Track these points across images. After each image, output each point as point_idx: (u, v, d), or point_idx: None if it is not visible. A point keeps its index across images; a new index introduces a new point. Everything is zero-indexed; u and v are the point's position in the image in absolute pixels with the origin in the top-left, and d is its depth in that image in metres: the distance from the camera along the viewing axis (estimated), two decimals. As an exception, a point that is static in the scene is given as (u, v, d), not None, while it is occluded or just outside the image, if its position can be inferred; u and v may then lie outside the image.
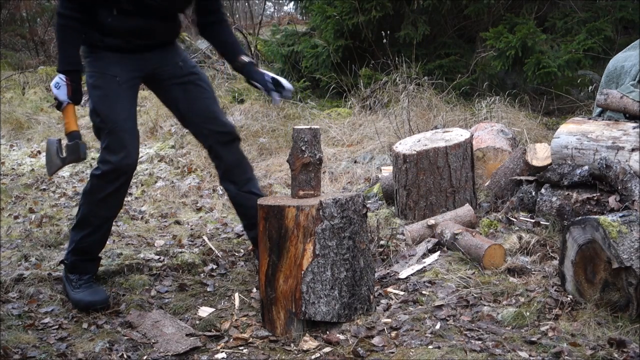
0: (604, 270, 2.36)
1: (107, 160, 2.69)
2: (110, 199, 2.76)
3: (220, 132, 2.91)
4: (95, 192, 2.75)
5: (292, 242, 2.38)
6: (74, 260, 2.82)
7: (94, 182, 2.74)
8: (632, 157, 3.10)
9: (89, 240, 2.80)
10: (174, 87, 2.89)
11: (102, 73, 2.72)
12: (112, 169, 2.70)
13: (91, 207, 2.77)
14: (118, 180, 2.72)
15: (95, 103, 2.72)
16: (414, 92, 5.73)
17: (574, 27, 6.37)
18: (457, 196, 3.53)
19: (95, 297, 2.74)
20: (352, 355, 2.23)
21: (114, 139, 2.70)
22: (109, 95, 2.71)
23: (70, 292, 2.79)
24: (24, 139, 7.05)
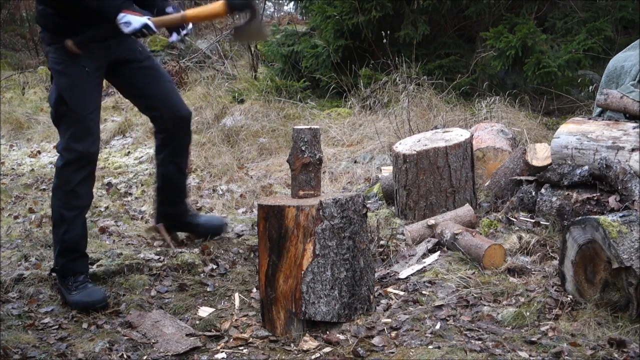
0: (604, 270, 2.36)
1: (72, 149, 2.73)
2: (79, 189, 2.78)
3: (182, 116, 3.08)
4: (63, 185, 2.76)
5: (292, 242, 2.38)
6: (64, 263, 2.81)
7: (61, 173, 2.76)
8: (632, 157, 3.10)
9: (70, 237, 2.79)
10: (137, 70, 2.99)
11: (70, 61, 2.75)
12: (78, 157, 2.73)
13: (62, 200, 2.78)
14: (85, 168, 2.76)
15: (62, 90, 2.73)
16: (414, 92, 5.73)
17: (574, 27, 6.36)
18: (457, 196, 3.53)
19: (94, 297, 2.73)
20: (352, 355, 2.23)
21: (80, 127, 2.73)
22: (78, 84, 2.75)
23: (67, 296, 2.76)
24: (24, 139, 7.05)
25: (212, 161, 5.52)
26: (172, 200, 3.32)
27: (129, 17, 2.68)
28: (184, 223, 3.42)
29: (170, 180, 3.26)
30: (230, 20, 8.65)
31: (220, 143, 5.90)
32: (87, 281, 2.82)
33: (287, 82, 7.08)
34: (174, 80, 8.03)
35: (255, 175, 5.08)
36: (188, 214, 3.43)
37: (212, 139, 5.96)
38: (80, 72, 2.76)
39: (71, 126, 2.73)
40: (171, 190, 3.30)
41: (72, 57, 2.74)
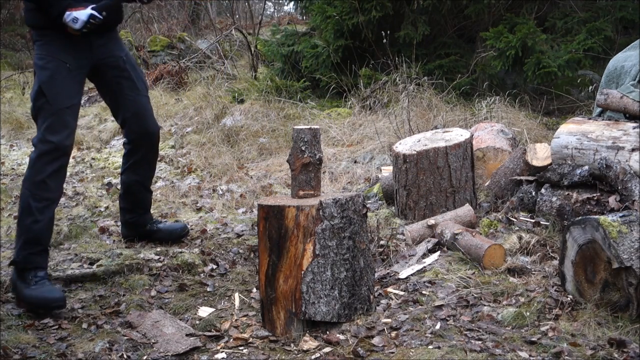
0: (604, 270, 2.36)
1: (47, 140, 2.76)
2: (50, 181, 2.79)
3: (150, 132, 3.22)
4: (35, 174, 2.78)
5: (292, 242, 2.38)
6: (26, 255, 2.76)
7: (33, 164, 2.78)
8: (632, 157, 3.10)
9: (36, 228, 2.77)
10: (116, 79, 3.07)
11: (53, 57, 2.81)
12: (53, 148, 2.76)
13: (31, 190, 2.78)
14: (58, 160, 2.79)
15: (42, 83, 2.78)
16: (414, 92, 5.72)
17: (574, 27, 6.36)
18: (457, 196, 3.53)
19: (53, 294, 2.67)
20: (352, 355, 2.23)
21: (57, 119, 2.77)
22: (58, 78, 2.80)
23: (24, 290, 2.70)
24: (24, 139, 7.04)
25: (212, 161, 5.52)
26: (132, 210, 3.44)
27: (73, 14, 2.78)
28: (144, 232, 3.51)
29: (130, 190, 3.38)
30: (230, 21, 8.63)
31: (220, 143, 5.90)
32: (47, 278, 2.78)
33: (287, 82, 7.08)
34: (173, 80, 8.04)
35: (255, 175, 5.08)
36: (148, 225, 3.51)
37: (212, 139, 5.95)
38: (61, 67, 2.82)
39: (48, 118, 2.78)
40: (131, 199, 3.41)
41: (55, 53, 2.82)
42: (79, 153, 6.26)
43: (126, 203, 3.44)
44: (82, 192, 4.95)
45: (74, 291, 2.95)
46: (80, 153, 6.26)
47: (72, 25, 2.81)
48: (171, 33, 10.55)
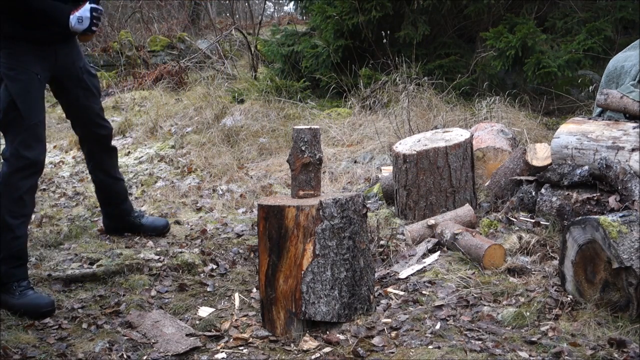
0: (604, 270, 2.36)
1: (22, 156, 2.73)
2: (27, 197, 2.78)
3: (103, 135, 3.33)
4: (11, 192, 2.73)
5: (292, 242, 2.38)
6: (7, 270, 2.74)
7: (8, 181, 2.73)
8: (632, 157, 3.10)
9: (16, 244, 2.75)
10: (74, 89, 3.11)
11: (24, 68, 2.78)
12: (28, 164, 2.74)
13: (8, 208, 2.73)
14: (34, 176, 2.79)
15: (16, 96, 2.73)
16: (414, 92, 5.72)
17: (574, 27, 6.36)
18: (457, 196, 3.53)
19: (41, 300, 2.69)
20: (352, 355, 2.23)
21: (30, 134, 2.75)
22: (31, 92, 2.78)
23: (12, 301, 2.70)
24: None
25: (212, 161, 5.52)
26: (111, 202, 3.56)
27: (76, 15, 2.79)
28: (128, 222, 3.62)
29: (103, 185, 3.50)
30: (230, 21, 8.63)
31: (220, 143, 5.90)
32: (31, 287, 2.77)
33: (287, 82, 7.08)
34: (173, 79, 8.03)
35: (255, 175, 5.08)
36: (132, 214, 3.62)
37: (212, 139, 5.95)
38: (33, 79, 2.81)
39: (21, 133, 2.73)
40: (107, 193, 3.53)
41: (26, 64, 2.79)
42: (79, 153, 6.25)
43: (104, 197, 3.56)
44: (82, 192, 4.94)
45: (74, 291, 2.95)
46: (80, 153, 6.25)
47: (79, 27, 2.82)
48: (171, 33, 10.55)
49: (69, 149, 6.38)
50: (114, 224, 3.63)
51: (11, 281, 2.74)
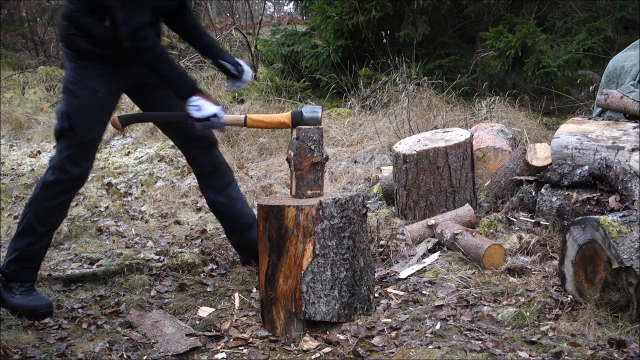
0: (604, 270, 2.36)
1: (66, 170, 2.67)
2: (60, 208, 2.74)
3: (197, 136, 2.88)
4: (46, 199, 2.70)
5: (292, 242, 2.38)
6: (16, 269, 2.72)
7: (46, 188, 2.69)
8: (632, 157, 3.10)
9: (33, 249, 2.72)
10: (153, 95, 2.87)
11: (84, 84, 2.67)
12: (69, 179, 2.68)
13: (39, 213, 2.71)
14: (73, 190, 2.74)
15: (69, 110, 2.67)
16: (414, 92, 5.72)
17: (574, 27, 6.37)
18: (457, 196, 3.53)
19: (40, 301, 2.67)
20: (352, 355, 2.23)
21: (79, 150, 2.68)
22: (87, 108, 2.67)
23: (10, 299, 2.68)
24: (24, 139, 7.05)
25: (212, 161, 5.51)
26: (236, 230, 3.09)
27: (202, 101, 2.56)
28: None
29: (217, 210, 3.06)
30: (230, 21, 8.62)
31: (220, 143, 5.88)
32: (33, 288, 2.75)
33: (287, 82, 7.08)
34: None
35: (255, 175, 5.08)
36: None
37: (212, 139, 5.95)
38: (92, 96, 2.68)
39: (70, 148, 2.67)
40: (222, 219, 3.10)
41: (88, 80, 2.67)
42: (79, 153, 6.26)
43: (224, 227, 3.13)
44: (82, 192, 4.94)
45: (74, 291, 2.95)
46: (80, 153, 6.25)
47: (192, 112, 2.58)
48: (171, 33, 10.55)
49: (69, 149, 6.37)
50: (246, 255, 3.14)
51: (15, 281, 2.72)
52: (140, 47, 2.54)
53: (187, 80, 2.63)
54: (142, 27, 2.52)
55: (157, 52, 2.58)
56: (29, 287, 2.73)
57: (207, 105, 2.57)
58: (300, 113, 2.59)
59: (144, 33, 2.53)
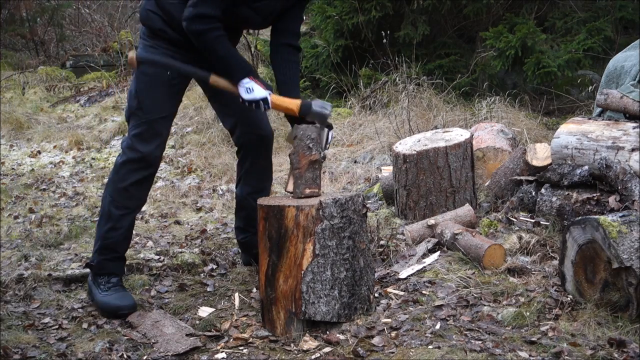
0: (604, 270, 2.36)
1: (135, 149, 2.66)
2: (133, 189, 2.70)
3: (261, 135, 2.92)
4: (117, 181, 2.69)
5: (292, 242, 2.38)
6: (101, 260, 2.73)
7: (118, 169, 2.70)
8: (632, 157, 3.10)
9: (114, 236, 2.71)
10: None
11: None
12: (139, 157, 2.67)
13: (112, 196, 2.71)
14: (143, 170, 2.69)
15: (139, 89, 2.67)
16: (414, 92, 5.72)
17: (573, 27, 6.36)
18: (457, 196, 3.53)
19: (124, 301, 2.65)
20: (352, 355, 2.23)
21: (148, 128, 2.66)
22: (155, 87, 2.67)
23: (97, 295, 2.70)
24: (24, 139, 7.04)
25: (212, 161, 5.52)
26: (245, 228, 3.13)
27: (253, 84, 2.59)
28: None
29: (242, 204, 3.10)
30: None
31: (220, 143, 5.90)
32: (120, 284, 2.74)
33: (287, 82, 7.06)
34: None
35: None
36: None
37: (212, 139, 5.95)
38: (161, 75, 2.66)
39: (139, 126, 2.66)
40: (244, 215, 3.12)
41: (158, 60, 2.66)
42: (79, 153, 6.26)
43: (239, 220, 3.16)
44: (82, 192, 4.95)
45: (74, 291, 2.95)
46: (80, 153, 6.26)
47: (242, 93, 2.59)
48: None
49: (69, 149, 6.38)
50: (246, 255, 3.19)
51: (102, 273, 2.72)
52: (193, 30, 2.53)
53: (241, 63, 2.62)
54: (204, 16, 2.51)
55: (211, 37, 2.55)
56: (115, 282, 2.73)
57: (258, 88, 2.59)
58: (310, 105, 2.60)
59: (204, 20, 2.52)
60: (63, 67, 10.18)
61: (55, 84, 9.14)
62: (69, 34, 12.57)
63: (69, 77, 9.56)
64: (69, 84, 9.18)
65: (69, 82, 9.31)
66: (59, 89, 9.03)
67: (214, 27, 2.54)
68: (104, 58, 9.71)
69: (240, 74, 2.59)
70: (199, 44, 2.58)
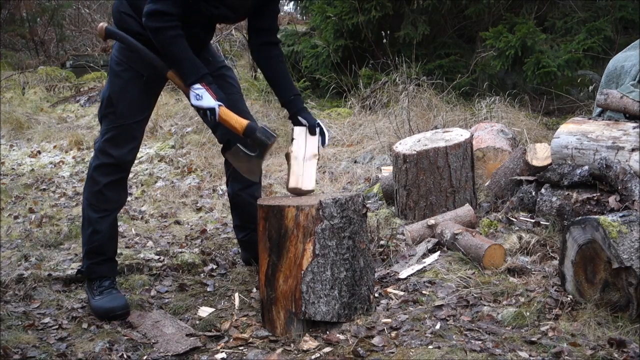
0: (604, 270, 2.36)
1: (108, 153, 2.65)
2: (107, 191, 2.70)
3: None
4: (91, 184, 2.70)
5: (292, 242, 2.38)
6: (89, 265, 2.73)
7: (91, 173, 2.70)
8: (632, 157, 3.10)
9: (97, 239, 2.71)
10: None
11: (129, 67, 2.63)
12: (112, 162, 2.66)
13: (90, 200, 2.71)
14: (116, 174, 2.69)
15: (113, 92, 2.64)
16: (414, 92, 5.73)
17: (573, 27, 6.37)
18: (457, 196, 3.53)
19: (115, 303, 2.65)
20: (352, 355, 2.23)
21: (121, 133, 2.65)
22: (130, 91, 2.63)
23: (91, 300, 2.70)
24: (24, 139, 7.05)
25: (212, 161, 5.53)
26: (243, 225, 3.11)
27: (204, 91, 2.49)
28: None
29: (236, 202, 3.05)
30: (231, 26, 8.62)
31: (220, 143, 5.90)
32: (113, 287, 2.74)
33: (287, 82, 7.06)
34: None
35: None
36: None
37: (212, 139, 5.95)
38: (136, 78, 2.63)
39: (112, 130, 2.64)
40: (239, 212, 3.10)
41: (133, 62, 2.62)
42: (79, 153, 6.26)
43: (236, 218, 3.13)
44: (82, 192, 4.94)
45: (74, 291, 2.95)
46: (80, 153, 6.26)
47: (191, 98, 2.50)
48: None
49: (69, 149, 6.38)
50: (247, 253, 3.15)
51: (93, 278, 2.72)
52: (150, 27, 2.48)
53: (195, 67, 2.52)
54: (163, 13, 2.45)
55: (167, 36, 2.48)
56: (107, 285, 2.72)
57: (207, 97, 2.50)
58: (255, 130, 2.54)
59: (163, 18, 2.46)
60: (63, 67, 10.19)
61: (55, 84, 9.15)
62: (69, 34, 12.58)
63: (69, 77, 9.57)
64: (69, 84, 9.19)
65: (69, 82, 9.32)
66: (59, 89, 9.04)
67: (171, 26, 2.48)
68: (104, 58, 9.72)
69: (192, 77, 2.51)
70: (156, 41, 2.51)
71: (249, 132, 2.53)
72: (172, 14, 2.46)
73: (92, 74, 9.32)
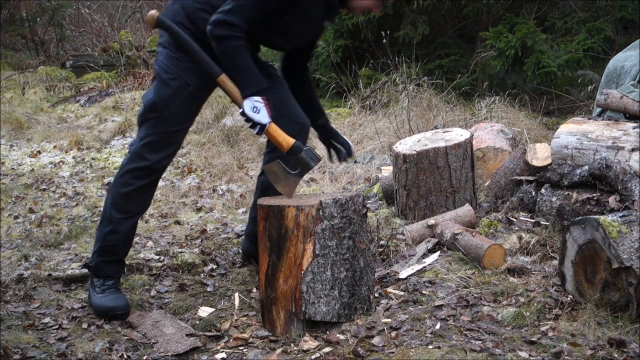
0: (604, 270, 2.36)
1: (143, 157, 2.63)
2: (135, 195, 2.68)
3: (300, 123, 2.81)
4: (121, 185, 2.67)
5: (292, 242, 2.38)
6: (99, 262, 2.71)
7: (123, 174, 2.67)
8: (632, 157, 3.10)
9: (113, 238, 2.69)
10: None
11: (178, 75, 2.62)
12: (146, 166, 2.64)
13: (115, 199, 2.69)
14: (148, 177, 2.67)
15: (159, 100, 2.62)
16: (414, 92, 5.73)
17: (573, 27, 6.37)
18: (457, 196, 3.53)
19: (116, 302, 2.64)
20: (352, 355, 2.23)
21: (160, 139, 2.63)
22: (177, 100, 2.62)
23: (92, 297, 2.69)
24: (24, 139, 7.04)
25: (212, 161, 5.53)
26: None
27: (262, 106, 2.50)
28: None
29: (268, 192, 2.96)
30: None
31: (220, 143, 5.90)
32: (116, 287, 2.73)
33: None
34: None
35: (255, 175, 5.07)
36: None
37: (212, 139, 5.96)
38: (184, 89, 2.62)
39: (152, 135, 2.62)
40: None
41: (182, 72, 2.61)
42: (79, 153, 6.26)
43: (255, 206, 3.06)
44: (82, 192, 4.95)
45: (74, 291, 2.95)
46: (80, 153, 6.26)
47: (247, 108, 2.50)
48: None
49: (69, 149, 6.38)
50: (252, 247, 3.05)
51: (99, 275, 2.71)
52: (216, 34, 2.48)
53: (258, 80, 2.53)
54: (231, 24, 2.46)
55: (233, 45, 2.49)
56: (111, 285, 2.71)
57: (264, 113, 2.50)
58: (301, 149, 2.54)
59: (230, 28, 2.47)
60: (63, 67, 10.18)
61: (55, 84, 9.14)
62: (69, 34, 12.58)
63: (69, 77, 9.57)
64: (69, 84, 9.19)
65: (69, 82, 9.32)
66: (59, 89, 9.03)
67: (237, 36, 2.49)
68: (104, 58, 9.72)
69: (254, 89, 2.51)
70: (219, 49, 2.51)
71: (295, 151, 2.55)
72: (241, 27, 2.48)
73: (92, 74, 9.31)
